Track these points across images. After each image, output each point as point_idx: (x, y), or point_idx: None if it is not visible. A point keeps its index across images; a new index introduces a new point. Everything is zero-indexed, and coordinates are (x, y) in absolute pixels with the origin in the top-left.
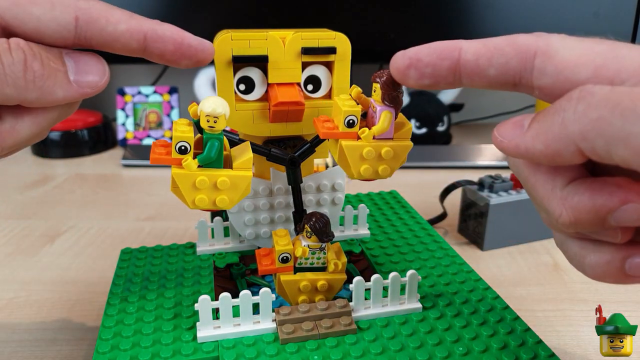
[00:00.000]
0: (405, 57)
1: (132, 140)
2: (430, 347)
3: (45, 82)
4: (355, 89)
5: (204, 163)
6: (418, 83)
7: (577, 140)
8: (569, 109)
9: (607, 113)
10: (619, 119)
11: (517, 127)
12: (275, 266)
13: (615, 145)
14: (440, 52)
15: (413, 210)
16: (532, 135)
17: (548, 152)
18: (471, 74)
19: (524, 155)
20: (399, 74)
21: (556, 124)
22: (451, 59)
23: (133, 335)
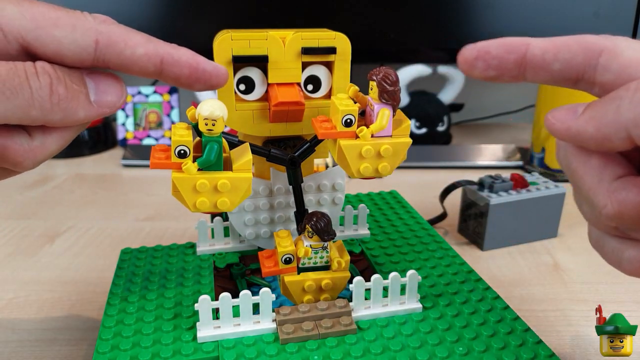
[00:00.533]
0: (474, 49)
1: (132, 140)
2: (430, 347)
3: (68, 104)
4: (352, 88)
5: (203, 166)
6: (483, 74)
7: (629, 127)
8: (626, 98)
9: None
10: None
11: (571, 112)
12: (278, 267)
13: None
14: (508, 45)
15: (413, 210)
16: (585, 119)
17: (598, 136)
18: (536, 67)
19: (574, 137)
20: (466, 64)
21: (611, 111)
22: (518, 52)
23: (133, 335)
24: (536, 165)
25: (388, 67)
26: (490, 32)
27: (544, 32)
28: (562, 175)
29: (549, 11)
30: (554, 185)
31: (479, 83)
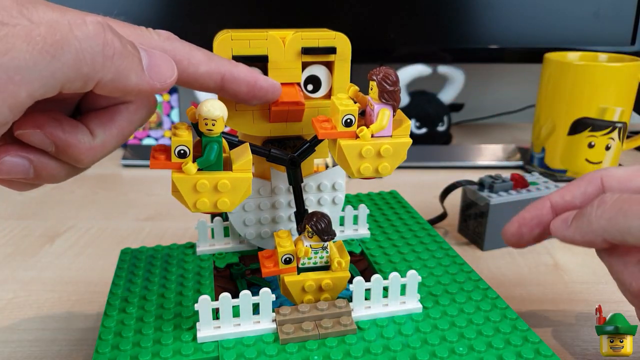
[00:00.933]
0: (514, 222)
1: (132, 140)
2: (430, 346)
3: (122, 61)
4: (352, 88)
5: (203, 166)
6: (532, 235)
7: (601, 233)
8: (592, 213)
9: (615, 214)
10: (622, 218)
11: (564, 222)
12: (278, 268)
13: (625, 235)
14: (536, 207)
15: (413, 210)
16: (573, 230)
17: (585, 242)
18: (562, 209)
19: (571, 243)
20: (514, 237)
21: (585, 223)
22: (545, 207)
23: (133, 335)
24: (536, 165)
25: (388, 67)
26: (491, 32)
27: (544, 32)
28: (562, 175)
29: (549, 11)
30: (554, 185)
31: (479, 83)
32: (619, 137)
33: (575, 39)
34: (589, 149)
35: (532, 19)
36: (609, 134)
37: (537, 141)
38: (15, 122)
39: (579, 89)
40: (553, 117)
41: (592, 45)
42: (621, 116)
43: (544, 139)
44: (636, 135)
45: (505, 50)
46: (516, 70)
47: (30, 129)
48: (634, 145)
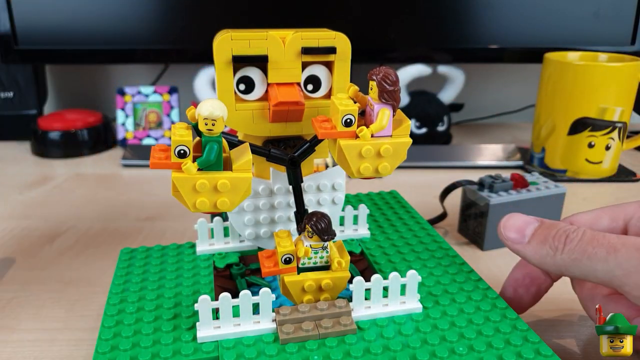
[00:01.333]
0: (508, 288)
1: (132, 140)
2: (430, 346)
3: None
4: (352, 88)
5: (203, 166)
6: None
7: (562, 270)
8: (558, 249)
9: (580, 256)
10: (587, 261)
11: (520, 235)
12: (278, 267)
13: (589, 276)
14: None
15: (413, 210)
16: (531, 251)
17: (540, 267)
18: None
19: (522, 257)
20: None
21: (549, 256)
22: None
23: (133, 335)
24: (536, 165)
25: (388, 67)
26: (490, 32)
27: (544, 32)
28: (562, 175)
29: (549, 11)
30: (554, 185)
31: (479, 83)
32: (619, 137)
33: (575, 39)
34: (589, 149)
35: (532, 19)
36: (609, 134)
37: (537, 141)
38: None
39: (579, 89)
40: (553, 117)
41: (592, 45)
42: (621, 116)
43: (544, 139)
44: (636, 135)
45: (505, 50)
46: (516, 70)
47: None
48: (634, 145)
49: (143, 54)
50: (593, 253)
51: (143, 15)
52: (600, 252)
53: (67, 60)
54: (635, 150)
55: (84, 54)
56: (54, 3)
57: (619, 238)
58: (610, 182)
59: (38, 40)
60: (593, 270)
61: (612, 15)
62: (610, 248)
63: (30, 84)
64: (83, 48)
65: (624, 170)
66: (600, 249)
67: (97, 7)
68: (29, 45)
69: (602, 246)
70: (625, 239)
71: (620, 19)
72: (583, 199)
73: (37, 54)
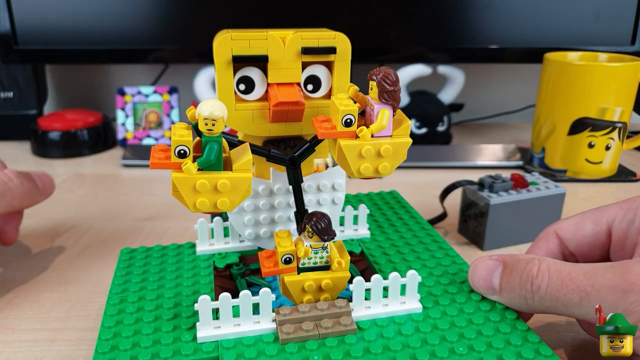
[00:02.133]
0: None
1: (132, 140)
2: (430, 347)
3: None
4: (352, 88)
5: (203, 166)
6: None
7: (541, 311)
8: (528, 298)
9: (554, 303)
10: (562, 307)
11: (489, 286)
12: (278, 267)
13: (567, 315)
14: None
15: (413, 211)
16: (505, 301)
17: (517, 308)
18: None
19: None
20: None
21: (523, 304)
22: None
23: (133, 335)
24: (536, 165)
25: (388, 67)
26: (491, 32)
27: (544, 32)
28: (562, 175)
29: (549, 11)
30: (554, 185)
31: (479, 83)
32: (619, 137)
33: (575, 39)
34: (589, 149)
35: (532, 19)
36: (609, 134)
37: (537, 141)
38: None
39: (579, 89)
40: (553, 117)
41: (592, 45)
42: (621, 116)
43: (544, 139)
44: (636, 135)
45: (505, 50)
46: (516, 70)
47: None
48: (634, 145)
49: (143, 54)
50: (566, 300)
51: (143, 15)
52: (572, 298)
53: (67, 60)
54: (635, 150)
55: (84, 54)
56: (54, 3)
57: (587, 278)
58: (610, 182)
59: (38, 40)
60: (571, 313)
61: (612, 15)
62: (581, 293)
63: (30, 84)
64: (83, 48)
65: (624, 170)
66: (572, 295)
67: (97, 7)
68: (29, 45)
69: (573, 292)
70: (594, 279)
71: (620, 19)
72: (583, 199)
73: (37, 54)
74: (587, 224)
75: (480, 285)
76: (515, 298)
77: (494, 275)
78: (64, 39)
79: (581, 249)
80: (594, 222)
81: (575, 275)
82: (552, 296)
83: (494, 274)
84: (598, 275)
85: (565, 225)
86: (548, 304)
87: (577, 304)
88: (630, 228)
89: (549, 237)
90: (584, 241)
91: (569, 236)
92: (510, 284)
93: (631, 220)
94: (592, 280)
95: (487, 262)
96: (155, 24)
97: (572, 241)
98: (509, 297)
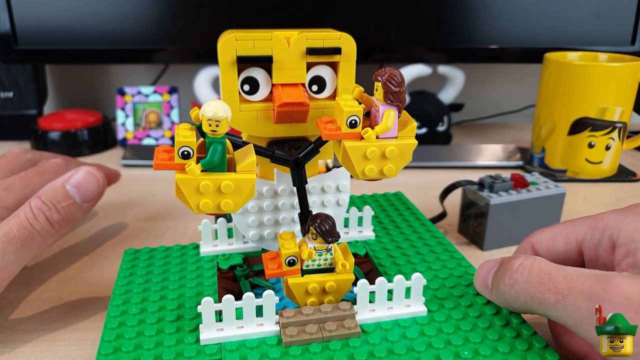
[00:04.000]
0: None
1: (132, 140)
2: (435, 350)
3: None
4: (357, 89)
5: (207, 167)
6: None
7: (517, 310)
8: (507, 292)
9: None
10: (539, 306)
11: (485, 285)
12: (282, 269)
13: (545, 313)
14: None
15: (418, 212)
16: (494, 299)
17: (504, 307)
18: None
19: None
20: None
21: (504, 300)
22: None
23: (136, 337)
24: (536, 165)
25: (393, 67)
26: (491, 32)
27: (544, 32)
28: (562, 175)
29: (549, 11)
30: (554, 185)
31: (479, 83)
32: (619, 137)
33: (575, 39)
34: (589, 149)
35: (532, 19)
36: (609, 134)
37: (537, 141)
38: None
39: (579, 89)
40: (553, 117)
41: (592, 45)
42: (621, 116)
43: (544, 139)
44: (636, 135)
45: (505, 50)
46: (516, 70)
47: None
48: (633, 145)
49: (143, 54)
50: (542, 298)
51: (143, 15)
52: (549, 297)
53: (67, 60)
54: (635, 150)
55: (84, 54)
56: (54, 3)
57: (566, 280)
58: (610, 182)
59: (38, 40)
60: (546, 314)
61: (612, 16)
62: (558, 294)
63: (30, 84)
64: (83, 48)
65: (624, 170)
66: (548, 295)
67: (97, 7)
68: (29, 45)
69: (550, 291)
70: (572, 282)
71: (620, 19)
72: (583, 199)
73: (37, 54)
74: (559, 241)
75: (479, 286)
76: (500, 294)
77: (490, 274)
78: (64, 39)
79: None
80: (565, 240)
81: (555, 275)
82: (527, 292)
83: (491, 272)
84: (578, 280)
85: (541, 239)
86: (524, 300)
87: (553, 305)
88: (599, 249)
89: (527, 250)
90: (557, 257)
91: (543, 251)
92: (496, 279)
93: (598, 242)
94: (570, 284)
95: (488, 263)
96: (156, 24)
97: (546, 256)
98: (496, 294)
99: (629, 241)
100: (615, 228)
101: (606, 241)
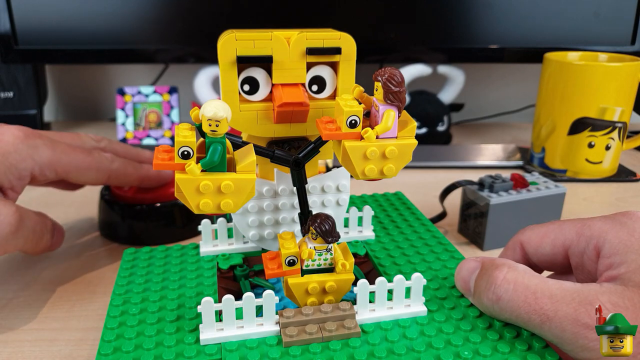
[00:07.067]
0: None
1: (132, 140)
2: (435, 350)
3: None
4: (357, 89)
5: (207, 167)
6: None
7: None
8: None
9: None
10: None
11: (466, 287)
12: (282, 269)
13: (531, 330)
14: None
15: (418, 212)
16: (477, 304)
17: (488, 314)
18: None
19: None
20: None
21: (488, 309)
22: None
23: (136, 337)
24: (536, 165)
25: (393, 67)
26: (491, 32)
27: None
28: (562, 175)
29: (549, 11)
30: (554, 185)
31: (479, 83)
32: (619, 137)
33: (575, 39)
34: (589, 148)
35: (532, 19)
36: (609, 133)
37: (537, 141)
38: None
39: (579, 89)
40: (553, 117)
41: (592, 45)
42: (621, 116)
43: (544, 139)
44: (636, 135)
45: (505, 50)
46: (516, 70)
47: None
48: (633, 145)
49: (143, 54)
50: (528, 319)
51: (143, 15)
52: (534, 319)
53: (67, 60)
54: (635, 150)
55: (84, 54)
56: (54, 3)
57: (552, 302)
58: (610, 182)
59: (38, 40)
60: (532, 330)
61: (612, 15)
62: (543, 317)
63: (30, 84)
64: (83, 48)
65: (624, 170)
66: (534, 316)
67: (97, 7)
68: (29, 45)
69: (536, 312)
70: (558, 304)
71: (620, 19)
72: (583, 199)
73: (37, 54)
74: (547, 243)
75: (460, 286)
76: (483, 303)
77: (472, 277)
78: (64, 39)
79: (542, 264)
80: (552, 244)
81: (541, 295)
82: (512, 310)
83: (472, 275)
84: (563, 302)
85: (529, 238)
86: (508, 316)
87: (539, 325)
88: (584, 257)
89: (515, 248)
90: (544, 259)
91: (531, 251)
92: (478, 288)
93: (583, 250)
94: (556, 306)
95: (469, 263)
96: (155, 24)
97: (534, 256)
98: (479, 301)
99: (613, 253)
100: (600, 238)
101: (591, 250)
